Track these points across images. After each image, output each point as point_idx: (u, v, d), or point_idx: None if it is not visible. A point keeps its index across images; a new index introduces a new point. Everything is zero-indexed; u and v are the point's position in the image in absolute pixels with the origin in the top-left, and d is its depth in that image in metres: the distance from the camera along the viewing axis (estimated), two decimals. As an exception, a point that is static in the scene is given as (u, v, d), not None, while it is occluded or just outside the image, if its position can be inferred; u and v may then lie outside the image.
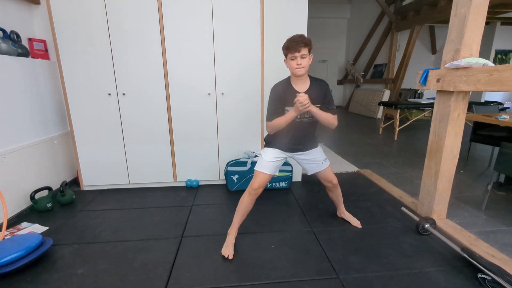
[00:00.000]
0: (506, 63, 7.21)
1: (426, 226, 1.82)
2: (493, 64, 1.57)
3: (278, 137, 1.70)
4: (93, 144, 2.48)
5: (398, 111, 4.97)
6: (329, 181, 1.87)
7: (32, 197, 2.15)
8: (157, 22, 2.29)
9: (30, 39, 2.45)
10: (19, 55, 2.20)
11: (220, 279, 1.46)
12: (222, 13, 2.32)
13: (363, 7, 8.77)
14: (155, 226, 1.98)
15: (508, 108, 6.48)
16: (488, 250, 1.66)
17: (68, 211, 2.22)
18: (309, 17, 2.40)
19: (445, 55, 1.82)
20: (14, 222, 2.02)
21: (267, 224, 2.01)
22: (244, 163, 2.54)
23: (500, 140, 2.46)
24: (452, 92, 1.79)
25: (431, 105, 5.12)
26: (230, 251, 1.64)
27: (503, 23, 6.99)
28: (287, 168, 2.59)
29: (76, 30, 2.24)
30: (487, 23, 6.94)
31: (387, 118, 5.57)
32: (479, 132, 3.10)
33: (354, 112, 8.56)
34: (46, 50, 2.58)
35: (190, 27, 2.33)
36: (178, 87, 2.44)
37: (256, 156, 2.55)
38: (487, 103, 4.89)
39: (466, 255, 1.53)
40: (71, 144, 2.53)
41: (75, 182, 2.72)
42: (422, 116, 5.68)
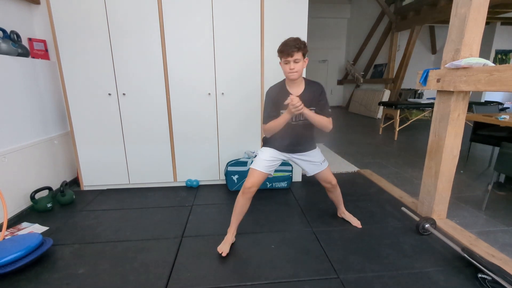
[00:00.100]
0: (506, 63, 7.21)
1: (426, 226, 1.82)
2: (493, 64, 1.57)
3: (276, 138, 1.70)
4: (93, 144, 2.48)
5: (398, 111, 4.97)
6: (328, 182, 1.87)
7: (32, 197, 2.15)
8: (157, 22, 2.29)
9: (30, 39, 2.45)
10: (19, 55, 2.20)
11: (220, 279, 1.46)
12: (222, 13, 2.32)
13: (363, 7, 8.77)
14: (155, 226, 1.98)
15: (508, 108, 6.48)
16: (488, 250, 1.66)
17: (68, 211, 2.22)
18: (309, 17, 2.40)
19: (445, 55, 1.82)
20: (14, 222, 2.02)
21: (267, 224, 2.01)
22: (244, 163, 2.54)
23: (500, 140, 2.46)
24: (452, 92, 1.79)
25: (431, 105, 5.12)
26: (225, 248, 1.64)
27: (503, 23, 6.99)
28: (287, 168, 2.59)
29: (76, 30, 2.24)
30: (487, 23, 6.94)
31: (387, 118, 5.57)
32: (479, 132, 3.10)
33: (354, 112, 8.56)
34: (46, 50, 2.58)
35: (190, 27, 2.33)
36: (178, 87, 2.44)
37: (256, 156, 2.55)
38: (487, 103, 4.89)
39: (466, 255, 1.53)
40: (71, 144, 2.53)
41: (75, 182, 2.72)
42: (422, 116, 5.68)
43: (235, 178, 2.54)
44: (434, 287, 1.39)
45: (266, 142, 1.78)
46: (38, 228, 1.95)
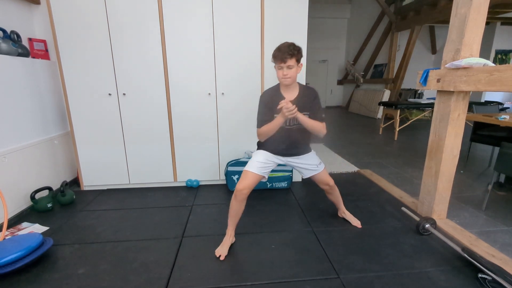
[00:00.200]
0: (506, 63, 7.21)
1: (427, 226, 1.82)
2: (493, 64, 1.57)
3: (271, 141, 1.69)
4: (93, 144, 2.48)
5: (398, 111, 4.97)
6: (325, 183, 1.87)
7: (32, 197, 2.15)
8: (157, 22, 2.29)
9: (30, 39, 2.45)
10: (19, 55, 2.20)
11: (220, 279, 1.46)
12: (222, 13, 2.32)
13: (363, 7, 8.78)
14: (155, 226, 1.98)
15: (508, 108, 6.48)
16: (489, 250, 1.66)
17: (69, 211, 2.22)
18: (309, 17, 2.40)
19: (445, 55, 1.82)
20: (14, 222, 2.02)
21: (267, 224, 2.01)
22: (244, 163, 2.52)
23: (500, 140, 2.46)
24: (453, 92, 1.79)
25: (431, 105, 5.12)
26: (223, 251, 1.64)
27: (503, 23, 6.99)
28: (287, 168, 2.59)
29: (76, 30, 2.23)
30: (487, 23, 6.94)
31: (387, 118, 5.58)
32: (479, 132, 3.11)
33: (354, 112, 8.56)
34: (47, 50, 2.58)
35: (191, 27, 2.33)
36: (178, 87, 2.44)
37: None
38: (487, 103, 4.89)
39: (466, 255, 1.53)
40: (72, 144, 2.53)
41: (76, 182, 2.72)
42: (422, 116, 5.69)
43: (235, 178, 2.54)
44: (434, 287, 1.39)
45: (261, 146, 1.77)
46: (38, 228, 1.95)
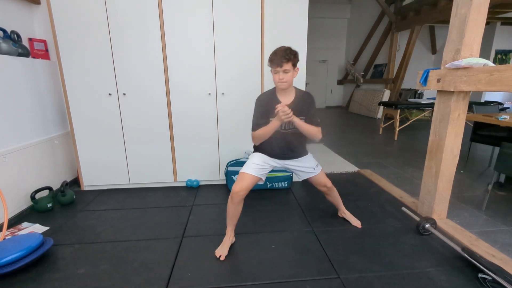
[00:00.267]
0: (506, 63, 7.22)
1: (427, 226, 1.82)
2: (493, 64, 1.57)
3: (267, 145, 1.69)
4: (93, 144, 2.48)
5: (398, 111, 4.97)
6: (323, 185, 1.87)
7: (32, 197, 2.15)
8: (157, 22, 2.29)
9: (30, 39, 2.45)
10: (19, 55, 2.20)
11: (220, 279, 1.46)
12: (222, 13, 2.32)
13: (363, 7, 8.77)
14: (155, 226, 1.98)
15: (508, 108, 6.47)
16: (489, 250, 1.66)
17: (69, 211, 2.22)
18: (309, 17, 2.40)
19: (445, 55, 1.82)
20: (14, 222, 2.02)
21: (267, 224, 2.01)
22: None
23: (500, 140, 2.46)
24: (453, 92, 1.79)
25: (431, 105, 5.12)
26: (223, 251, 1.64)
27: (503, 23, 6.99)
28: (287, 168, 2.59)
29: (76, 30, 2.23)
30: (487, 23, 6.93)
31: (387, 118, 5.57)
32: (479, 132, 3.11)
33: (354, 112, 8.56)
34: (47, 50, 2.59)
35: (191, 27, 2.33)
36: (178, 87, 2.44)
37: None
38: (487, 103, 4.89)
39: (466, 255, 1.53)
40: (72, 144, 2.53)
41: (76, 182, 2.72)
42: (422, 116, 5.68)
43: (235, 178, 2.52)
44: (434, 287, 1.39)
45: (258, 148, 1.76)
46: (39, 228, 1.95)
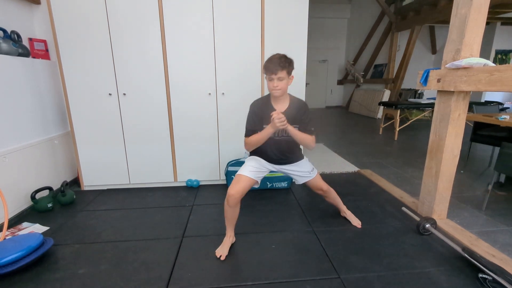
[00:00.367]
0: (506, 63, 7.22)
1: (427, 226, 1.82)
2: (493, 64, 1.57)
3: (262, 150, 1.69)
4: (93, 144, 2.48)
5: (398, 111, 4.97)
6: (319, 188, 1.88)
7: (32, 197, 2.15)
8: (157, 22, 2.29)
9: (30, 39, 2.45)
10: (19, 55, 2.20)
11: (221, 279, 1.46)
12: (222, 13, 2.32)
13: (363, 7, 8.77)
14: (155, 226, 1.98)
15: (508, 108, 6.47)
16: (489, 250, 1.66)
17: (69, 211, 2.22)
18: (309, 17, 2.40)
19: (445, 55, 1.82)
20: (15, 222, 2.02)
21: (267, 224, 2.01)
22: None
23: (500, 140, 2.46)
24: (453, 92, 1.79)
25: (431, 105, 5.12)
26: (223, 251, 1.64)
27: (503, 23, 6.99)
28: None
29: (76, 30, 2.23)
30: (487, 23, 6.93)
31: (387, 118, 5.57)
32: (480, 132, 3.10)
33: (354, 112, 8.56)
34: (47, 50, 2.59)
35: (191, 27, 2.33)
36: (178, 87, 2.44)
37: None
38: (487, 103, 4.89)
39: (467, 255, 1.53)
40: (72, 144, 2.53)
41: (76, 182, 2.72)
42: (422, 116, 5.68)
43: (235, 178, 2.53)
44: (435, 287, 1.39)
45: (254, 152, 1.75)
46: (39, 228, 1.95)
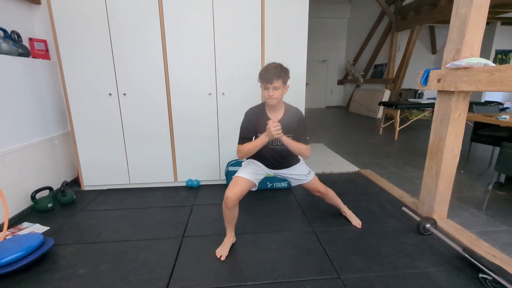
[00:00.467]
0: (506, 63, 7.21)
1: (427, 226, 1.82)
2: (494, 64, 1.57)
3: (258, 156, 1.69)
4: (93, 144, 2.48)
5: (398, 111, 4.97)
6: (317, 191, 1.88)
7: (33, 197, 2.15)
8: (158, 23, 2.29)
9: (31, 39, 2.45)
10: (20, 55, 2.20)
11: (221, 279, 1.46)
12: (223, 13, 2.32)
13: (363, 7, 8.77)
14: (156, 226, 1.98)
15: (508, 108, 6.47)
16: (489, 250, 1.66)
17: (69, 211, 2.22)
18: (309, 17, 2.40)
19: (446, 55, 1.82)
20: (15, 222, 2.02)
21: (268, 224, 2.01)
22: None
23: (500, 140, 2.46)
24: (453, 92, 1.79)
25: (431, 105, 5.12)
26: (224, 252, 1.64)
27: (503, 23, 6.99)
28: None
29: (77, 30, 2.23)
30: (487, 23, 6.92)
31: (387, 118, 5.57)
32: (480, 132, 3.10)
33: (354, 112, 8.56)
34: (47, 50, 2.59)
35: (191, 27, 2.33)
36: (178, 87, 2.44)
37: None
38: (487, 103, 4.89)
39: (467, 255, 1.53)
40: (72, 144, 2.53)
41: (76, 182, 2.72)
42: (422, 116, 5.68)
43: (235, 178, 2.53)
44: (435, 287, 1.39)
45: (250, 157, 1.74)
46: (39, 228, 1.95)
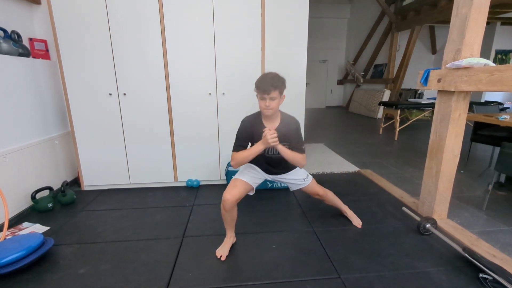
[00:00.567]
0: (506, 63, 7.22)
1: (427, 226, 1.82)
2: (494, 64, 1.57)
3: (255, 163, 1.70)
4: (93, 144, 2.48)
5: (399, 111, 4.97)
6: (315, 193, 1.89)
7: (33, 197, 2.15)
8: (158, 23, 2.29)
9: (31, 39, 2.45)
10: (20, 55, 2.20)
11: (221, 279, 1.46)
12: (223, 13, 2.32)
13: (363, 7, 8.77)
14: (156, 226, 1.98)
15: (508, 108, 6.47)
16: (489, 250, 1.66)
17: (69, 211, 2.22)
18: (309, 17, 2.40)
19: (446, 55, 1.82)
20: (15, 222, 2.02)
21: (268, 224, 2.01)
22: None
23: (500, 140, 2.46)
24: (453, 92, 1.79)
25: (431, 105, 5.12)
26: (224, 252, 1.64)
27: (503, 23, 6.99)
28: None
29: (77, 30, 2.23)
30: (487, 23, 6.91)
31: (387, 118, 5.57)
32: (480, 132, 3.10)
33: (354, 112, 8.56)
34: (47, 50, 2.59)
35: (191, 27, 2.33)
36: (179, 87, 2.44)
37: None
38: (487, 103, 4.89)
39: (467, 255, 1.53)
40: (72, 144, 2.53)
41: (76, 182, 2.72)
42: (422, 116, 5.68)
43: (235, 178, 2.53)
44: (435, 287, 1.39)
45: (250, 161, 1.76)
46: (39, 228, 1.95)
